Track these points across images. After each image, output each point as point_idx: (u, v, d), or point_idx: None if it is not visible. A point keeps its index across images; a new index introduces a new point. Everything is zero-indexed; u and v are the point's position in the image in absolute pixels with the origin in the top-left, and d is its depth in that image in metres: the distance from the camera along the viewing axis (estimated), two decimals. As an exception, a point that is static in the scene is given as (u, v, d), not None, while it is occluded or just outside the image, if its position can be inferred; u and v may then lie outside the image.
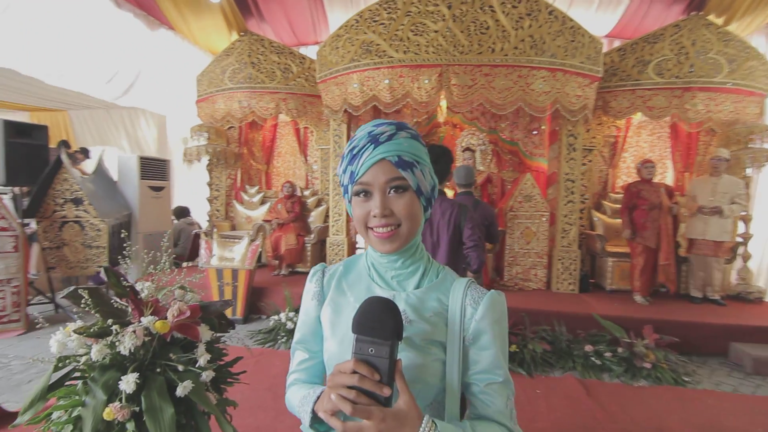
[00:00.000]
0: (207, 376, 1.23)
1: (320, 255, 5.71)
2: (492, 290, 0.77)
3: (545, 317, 3.85)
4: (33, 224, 4.48)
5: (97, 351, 1.08)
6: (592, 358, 3.41)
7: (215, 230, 4.54)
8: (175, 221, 6.32)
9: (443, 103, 4.96)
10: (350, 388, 0.59)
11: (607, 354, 3.42)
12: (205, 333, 1.28)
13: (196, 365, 1.20)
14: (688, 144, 5.24)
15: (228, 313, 4.27)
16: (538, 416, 2.63)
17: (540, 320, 3.82)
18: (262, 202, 6.27)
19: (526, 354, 3.40)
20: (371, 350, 0.60)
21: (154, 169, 5.42)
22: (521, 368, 3.31)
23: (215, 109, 5.57)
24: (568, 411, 2.71)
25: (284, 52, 5.44)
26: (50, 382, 1.18)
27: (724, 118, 4.37)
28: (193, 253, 6.01)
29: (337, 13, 6.63)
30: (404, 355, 0.71)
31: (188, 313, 1.22)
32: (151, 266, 1.46)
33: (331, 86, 4.77)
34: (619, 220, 5.16)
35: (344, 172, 0.76)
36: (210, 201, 6.15)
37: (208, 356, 1.22)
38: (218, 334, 1.42)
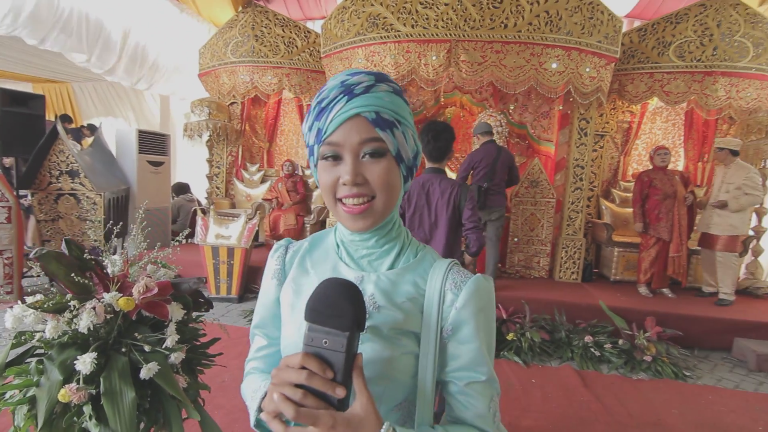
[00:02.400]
0: (176, 357, 1.15)
1: (320, 235, 5.64)
2: (478, 274, 0.66)
3: (546, 306, 3.76)
4: (30, 196, 4.43)
5: (52, 328, 1.00)
6: (592, 349, 3.33)
7: (212, 207, 4.46)
8: (174, 198, 6.26)
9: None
10: (297, 386, 0.49)
11: (607, 345, 3.34)
12: (176, 312, 1.20)
13: (164, 346, 1.12)
14: (705, 132, 5.04)
15: (223, 291, 4.24)
16: (532, 406, 2.56)
17: (540, 309, 3.74)
18: (263, 181, 6.19)
19: (524, 342, 3.32)
20: (325, 342, 0.50)
21: (154, 144, 5.33)
22: (518, 357, 3.23)
23: (220, 84, 5.45)
24: (563, 402, 2.64)
25: (289, 26, 5.26)
26: (8, 359, 1.11)
27: (746, 105, 4.17)
28: (193, 231, 5.97)
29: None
30: (369, 347, 0.61)
31: (155, 290, 1.14)
32: (146, 242, 1.37)
33: (335, 61, 4.61)
34: (627, 210, 5.02)
35: (310, 129, 0.64)
36: (210, 178, 6.07)
37: (176, 337, 1.14)
38: (195, 314, 1.35)
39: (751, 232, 4.52)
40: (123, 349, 1.12)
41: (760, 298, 4.30)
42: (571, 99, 4.39)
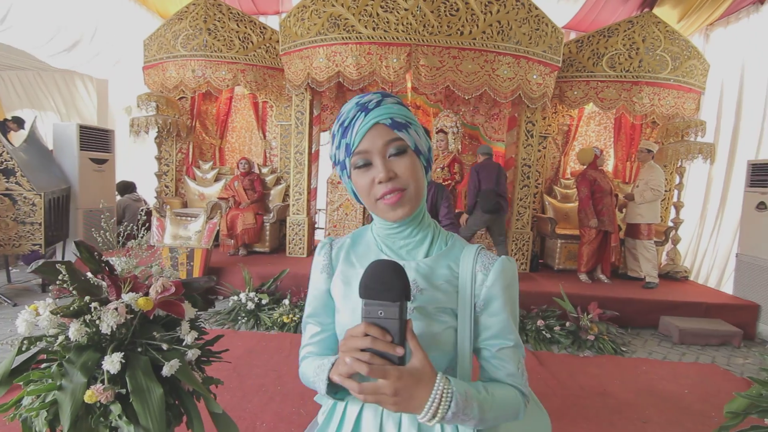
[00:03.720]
0: (192, 354, 1.18)
1: (279, 235, 5.60)
2: (502, 256, 0.78)
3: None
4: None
5: (76, 330, 1.00)
6: (543, 332, 3.66)
7: (168, 207, 4.28)
8: (119, 197, 5.89)
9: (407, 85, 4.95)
10: (363, 351, 0.60)
11: (557, 328, 3.68)
12: (189, 310, 1.22)
13: (183, 344, 1.15)
14: (631, 135, 5.64)
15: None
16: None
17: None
18: (217, 179, 6.00)
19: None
20: (380, 313, 0.61)
21: (96, 140, 4.98)
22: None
23: (166, 77, 5.18)
24: (524, 381, 2.90)
25: (244, 20, 5.13)
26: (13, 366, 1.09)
27: (666, 112, 4.73)
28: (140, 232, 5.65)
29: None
30: (417, 325, 0.72)
31: (173, 290, 1.16)
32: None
33: (294, 59, 4.59)
34: (568, 205, 5.51)
35: (338, 147, 0.75)
36: (159, 176, 5.78)
37: (195, 334, 1.17)
38: (199, 312, 1.37)
39: (670, 223, 5.16)
40: (139, 349, 1.13)
41: (679, 280, 4.93)
42: (518, 103, 4.73)
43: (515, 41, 4.20)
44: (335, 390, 0.72)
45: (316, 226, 5.74)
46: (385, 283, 0.61)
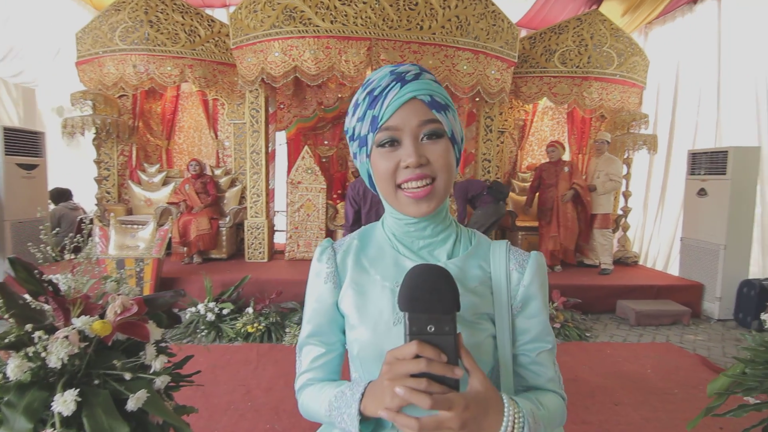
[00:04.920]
0: (162, 382, 1.03)
1: (236, 240, 5.32)
2: (534, 251, 0.71)
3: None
4: None
5: (16, 367, 0.82)
6: (513, 324, 3.71)
7: (112, 215, 3.91)
8: (53, 206, 5.34)
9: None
10: (415, 376, 0.49)
11: (525, 319, 3.74)
12: (154, 331, 1.06)
13: (151, 371, 0.99)
14: (582, 128, 5.89)
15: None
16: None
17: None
18: (165, 183, 5.60)
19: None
20: (430, 328, 0.51)
21: (25, 144, 4.47)
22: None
23: (104, 74, 4.75)
24: (499, 374, 2.92)
25: (189, 12, 4.80)
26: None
27: (613, 106, 4.98)
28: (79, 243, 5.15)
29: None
30: None
31: (135, 309, 1.00)
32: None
33: (247, 54, 4.36)
34: (525, 198, 5.67)
35: (361, 119, 0.64)
36: (98, 181, 5.29)
37: (165, 358, 1.02)
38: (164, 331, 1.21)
39: (620, 212, 5.44)
40: (96, 381, 0.97)
41: (630, 265, 5.21)
42: (477, 99, 4.78)
43: (473, 36, 4.23)
44: (366, 424, 0.60)
45: (275, 229, 5.51)
46: (436, 292, 0.52)
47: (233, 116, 5.51)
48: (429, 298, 0.51)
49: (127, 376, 0.96)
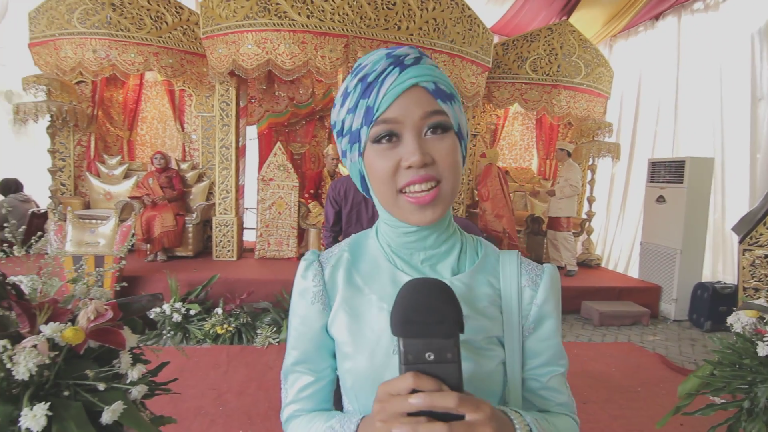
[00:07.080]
0: (139, 392, 0.96)
1: (203, 237, 5.12)
2: (546, 264, 0.64)
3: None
4: None
5: (-23, 380, 0.74)
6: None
7: (69, 209, 3.65)
8: (0, 197, 4.95)
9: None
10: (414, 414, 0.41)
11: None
12: (130, 338, 0.99)
13: (128, 380, 0.92)
14: (550, 135, 6.08)
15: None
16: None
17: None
18: (126, 176, 5.31)
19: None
20: (429, 355, 0.43)
21: (-34, 128, 4.11)
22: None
23: (61, 58, 4.44)
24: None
25: (156, -2, 4.57)
26: None
27: (580, 114, 5.17)
28: (30, 238, 4.80)
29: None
30: (465, 366, 0.50)
31: (110, 314, 0.93)
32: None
33: (218, 44, 4.20)
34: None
35: (352, 110, 0.54)
36: (53, 173, 4.95)
37: (142, 367, 0.95)
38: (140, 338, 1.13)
39: (584, 215, 5.66)
40: (66, 393, 0.89)
41: (593, 267, 5.43)
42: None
43: (450, 39, 4.26)
44: None
45: (244, 226, 5.35)
46: (434, 313, 0.43)
47: (201, 108, 5.30)
48: (426, 320, 0.43)
49: (101, 386, 0.89)
